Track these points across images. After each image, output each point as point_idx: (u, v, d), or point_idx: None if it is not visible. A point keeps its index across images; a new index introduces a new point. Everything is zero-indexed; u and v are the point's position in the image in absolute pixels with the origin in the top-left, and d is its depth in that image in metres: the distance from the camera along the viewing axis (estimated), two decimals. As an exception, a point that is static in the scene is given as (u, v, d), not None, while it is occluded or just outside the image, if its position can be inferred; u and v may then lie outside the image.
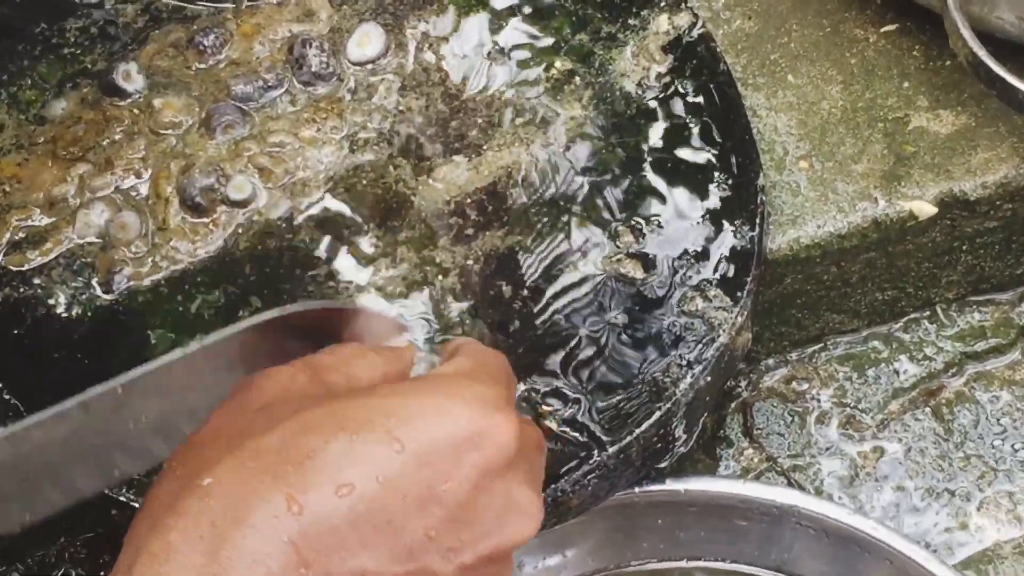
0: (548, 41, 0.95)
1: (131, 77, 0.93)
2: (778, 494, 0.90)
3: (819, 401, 1.01)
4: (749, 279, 0.87)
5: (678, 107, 0.92)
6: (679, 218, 0.89)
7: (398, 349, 0.76)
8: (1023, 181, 0.95)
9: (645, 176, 0.90)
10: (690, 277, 0.87)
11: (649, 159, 0.91)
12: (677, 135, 0.91)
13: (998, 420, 1.00)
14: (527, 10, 0.96)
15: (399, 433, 0.64)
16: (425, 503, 0.64)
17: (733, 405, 1.01)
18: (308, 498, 0.62)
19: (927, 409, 1.01)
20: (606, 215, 0.89)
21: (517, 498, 0.68)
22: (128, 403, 0.72)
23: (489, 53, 0.94)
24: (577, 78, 0.93)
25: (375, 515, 0.63)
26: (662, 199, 0.90)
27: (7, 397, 0.84)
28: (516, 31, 0.95)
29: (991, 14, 0.90)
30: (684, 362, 0.84)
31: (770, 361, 1.02)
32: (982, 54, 0.86)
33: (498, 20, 0.96)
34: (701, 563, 0.95)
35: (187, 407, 0.75)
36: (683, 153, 0.91)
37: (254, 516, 0.61)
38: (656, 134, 0.92)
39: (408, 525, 0.64)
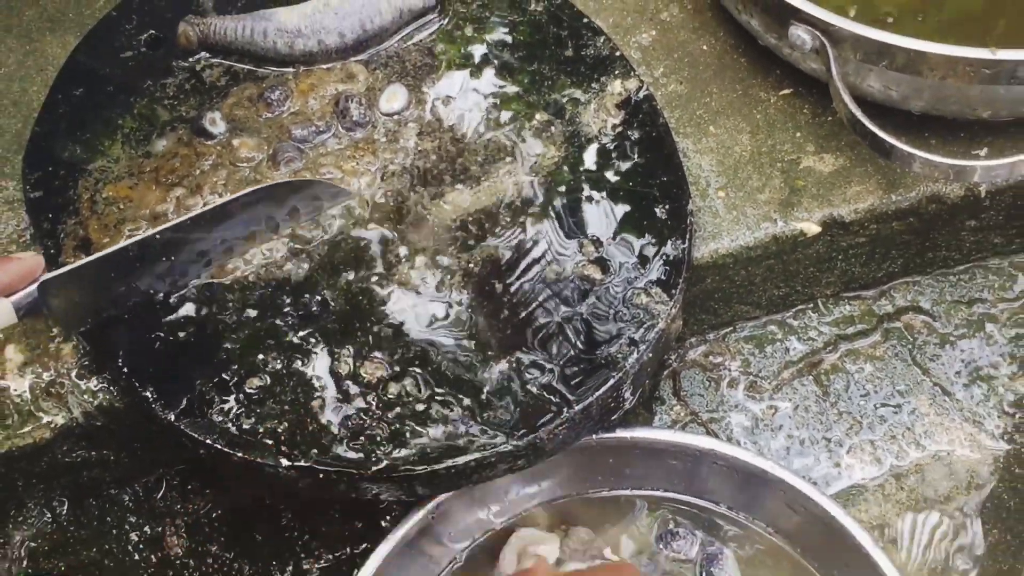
0: (532, 99, 0.95)
1: (216, 123, 0.94)
2: (699, 440, 0.91)
3: (729, 370, 1.02)
4: (681, 280, 0.88)
5: (629, 150, 0.93)
6: (629, 233, 0.90)
7: None
8: (884, 208, 0.95)
9: (604, 201, 0.91)
10: (637, 279, 0.88)
11: (607, 189, 0.92)
12: (628, 171, 0.92)
13: (863, 385, 1.01)
14: (515, 76, 0.96)
15: None
16: None
17: (666, 373, 1.01)
18: None
19: (810, 377, 1.02)
20: (575, 231, 0.90)
21: None
22: (182, 237, 0.80)
23: (486, 108, 0.95)
24: (553, 127, 0.94)
25: None
26: (617, 219, 0.90)
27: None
28: (507, 91, 0.96)
29: (863, 83, 0.91)
30: (631, 342, 0.86)
31: (693, 340, 1.02)
32: (858, 113, 0.87)
33: (493, 83, 0.96)
34: (642, 492, 0.94)
35: (218, 239, 0.84)
36: (632, 184, 0.92)
37: None
38: (612, 170, 0.92)
39: None
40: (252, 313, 0.87)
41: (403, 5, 0.97)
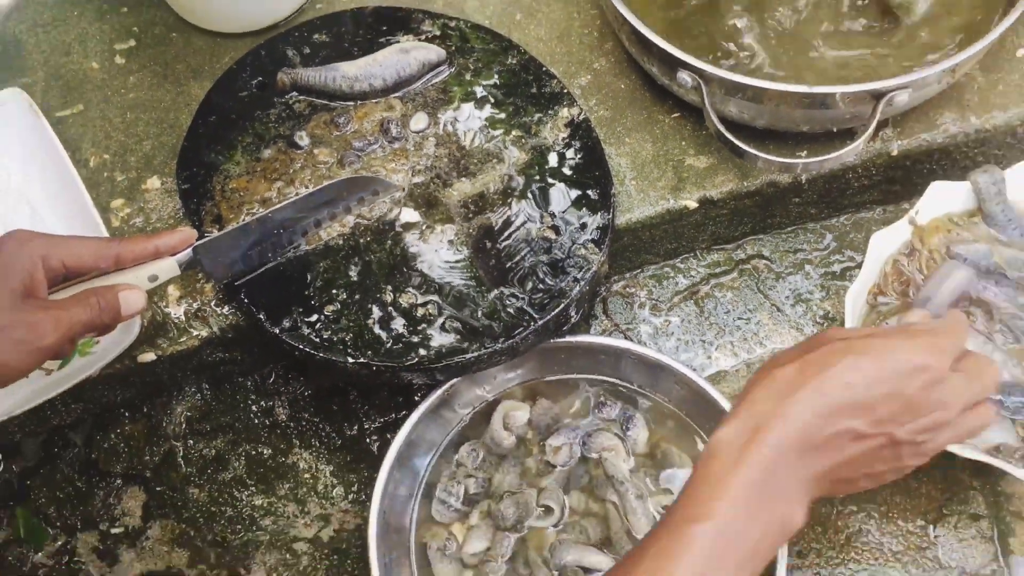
0: (510, 121, 0.94)
1: (303, 138, 0.93)
2: (620, 343, 0.91)
3: (639, 297, 1.01)
4: (607, 239, 0.88)
5: (573, 154, 0.92)
6: (574, 208, 0.89)
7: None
8: (739, 191, 0.94)
9: (558, 187, 0.90)
10: (579, 238, 0.88)
11: (560, 179, 0.91)
12: (573, 167, 0.91)
13: (726, 306, 1.00)
14: (500, 106, 0.95)
15: (879, 357, 0.61)
16: (890, 397, 0.61)
17: (598, 299, 1.00)
18: (825, 387, 0.60)
19: (691, 301, 1.01)
20: (540, 207, 0.89)
21: (943, 399, 0.62)
22: (287, 216, 0.83)
23: (480, 127, 0.94)
24: (524, 139, 0.93)
25: (860, 399, 0.60)
26: (567, 199, 0.90)
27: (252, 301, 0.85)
28: (494, 116, 0.94)
29: (726, 108, 0.90)
30: (575, 279, 0.85)
31: (616, 277, 1.01)
32: (722, 129, 0.86)
33: (485, 111, 0.95)
34: (583, 376, 0.93)
35: (312, 219, 0.86)
36: (576, 176, 0.91)
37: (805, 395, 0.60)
38: (563, 167, 0.92)
39: (879, 408, 0.60)
40: (329, 264, 0.87)
41: (424, 59, 0.95)
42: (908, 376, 0.61)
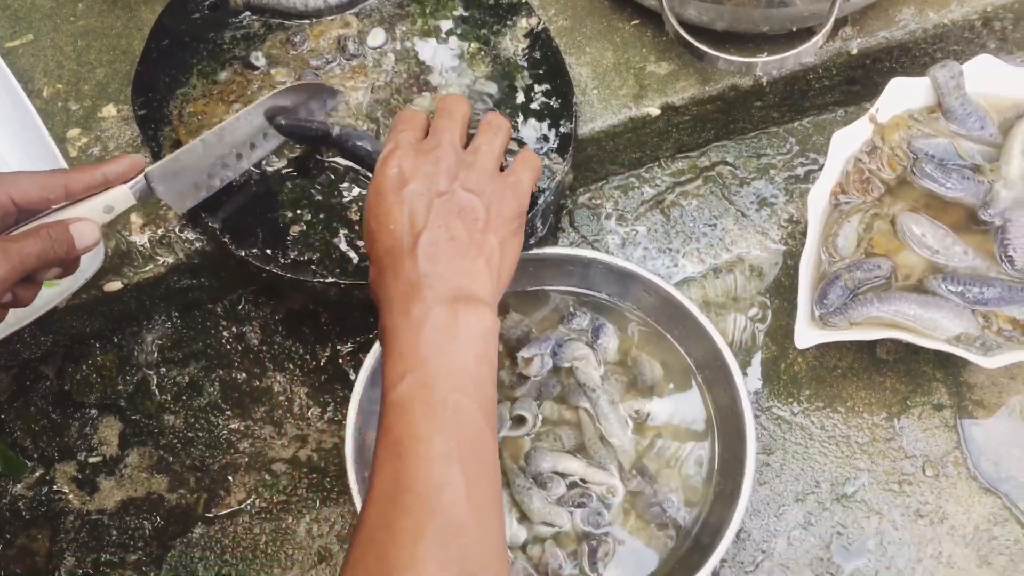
0: (468, 33, 0.93)
1: (259, 59, 0.92)
2: (588, 253, 0.91)
3: (605, 208, 1.01)
4: (570, 148, 0.88)
5: (533, 65, 0.91)
6: (537, 119, 0.89)
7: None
8: (701, 96, 0.94)
9: (519, 98, 0.90)
10: (542, 148, 0.87)
11: (521, 91, 0.90)
12: (534, 78, 0.91)
13: (691, 213, 1.01)
14: (456, 19, 0.93)
15: (372, 189, 0.73)
16: (420, 176, 0.71)
17: (564, 212, 1.00)
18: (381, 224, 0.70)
19: (657, 210, 1.01)
20: (505, 116, 0.88)
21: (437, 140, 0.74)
22: (226, 134, 0.81)
23: (438, 39, 0.93)
24: (483, 52, 0.92)
25: (401, 198, 0.70)
26: (529, 110, 0.89)
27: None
28: (452, 29, 0.93)
29: (685, 11, 0.90)
30: (540, 190, 0.85)
31: (581, 189, 1.01)
32: (681, 31, 0.86)
33: (442, 24, 0.94)
34: (552, 288, 0.94)
35: (255, 134, 0.83)
36: (537, 87, 0.90)
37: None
38: (524, 78, 0.91)
39: (432, 183, 0.70)
40: (293, 184, 0.86)
41: (379, -26, 0.93)
42: (395, 176, 0.70)
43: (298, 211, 0.85)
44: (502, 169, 0.76)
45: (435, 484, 0.60)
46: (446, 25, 0.93)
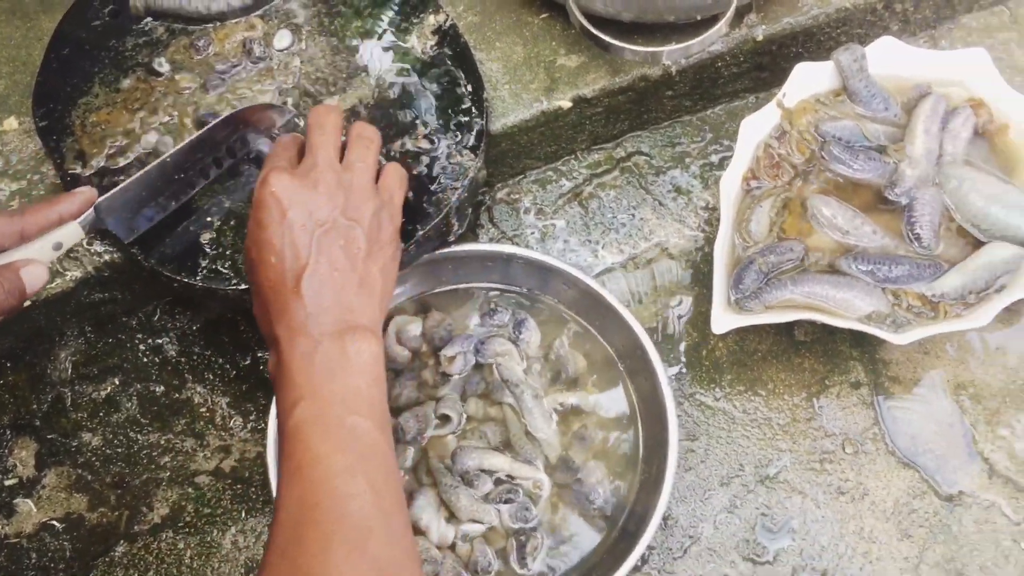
0: (376, 31, 0.92)
1: (162, 65, 0.91)
2: (508, 248, 0.91)
3: (524, 203, 1.01)
4: (482, 145, 0.88)
5: (443, 61, 0.91)
6: (448, 116, 0.89)
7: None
8: (612, 87, 0.95)
9: (430, 97, 0.89)
10: (453, 145, 0.87)
11: (431, 89, 0.90)
12: (443, 75, 0.91)
13: (609, 205, 1.01)
14: (363, 17, 0.93)
15: (255, 209, 0.72)
16: (299, 204, 0.69)
17: (483, 208, 1.00)
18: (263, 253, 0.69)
19: (576, 203, 1.01)
20: (412, 115, 0.88)
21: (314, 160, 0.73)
22: (179, 159, 0.79)
23: (346, 41, 0.92)
24: (391, 49, 0.92)
25: (279, 228, 0.69)
26: (439, 107, 0.89)
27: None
28: (359, 27, 0.93)
29: (592, 4, 0.90)
30: (453, 188, 0.85)
31: (499, 185, 1.01)
32: (586, 23, 0.86)
33: (349, 24, 0.93)
34: (473, 285, 0.94)
35: (211, 158, 0.82)
36: (447, 84, 0.90)
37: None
38: (433, 75, 0.91)
39: (315, 213, 0.69)
40: (201, 191, 0.85)
41: (282, -26, 0.92)
42: (273, 206, 0.69)
43: (208, 218, 0.84)
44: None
45: (341, 496, 0.60)
46: (353, 24, 0.92)
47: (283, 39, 0.91)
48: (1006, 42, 1.04)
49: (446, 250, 0.89)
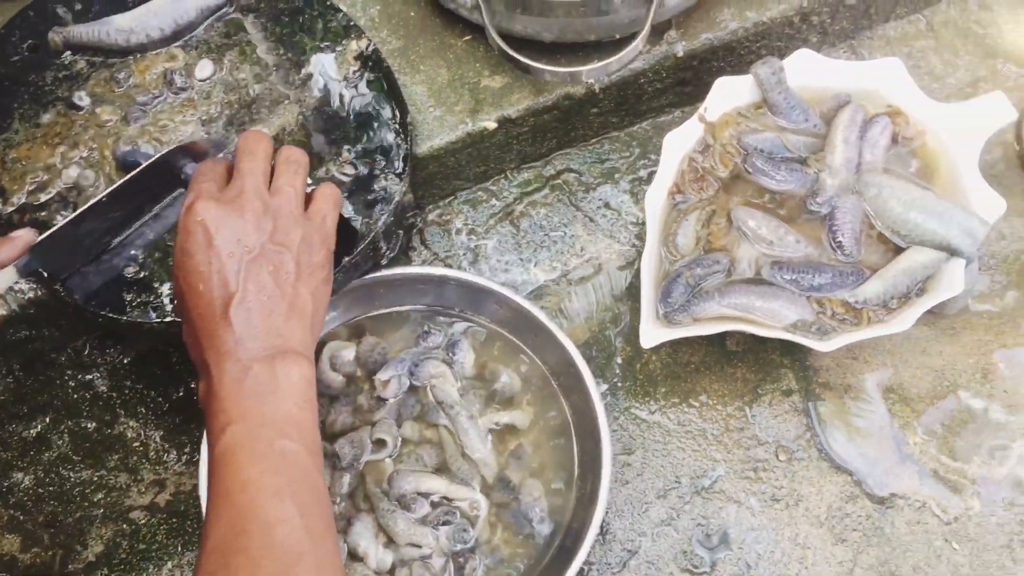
0: (299, 59, 0.92)
1: (83, 99, 0.90)
2: (438, 270, 0.91)
3: (456, 224, 1.01)
4: (407, 168, 0.88)
5: (366, 87, 0.91)
6: (372, 140, 0.89)
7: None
8: (536, 106, 0.95)
9: (353, 121, 0.89)
10: (378, 168, 0.87)
11: (355, 113, 0.90)
12: (367, 101, 0.90)
13: (540, 223, 1.01)
14: (286, 44, 0.93)
15: (187, 216, 0.70)
16: (234, 228, 0.69)
17: (415, 231, 1.00)
18: (191, 270, 0.68)
19: (507, 222, 1.02)
20: (338, 142, 0.88)
21: (244, 186, 0.72)
22: (98, 211, 0.77)
23: (269, 68, 0.92)
24: (313, 76, 0.91)
25: (223, 252, 0.68)
26: (364, 131, 0.89)
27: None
28: (281, 55, 0.92)
29: (513, 25, 0.91)
30: (380, 211, 0.85)
31: (430, 207, 1.02)
32: (504, 46, 0.87)
33: (271, 51, 0.93)
34: (406, 308, 0.93)
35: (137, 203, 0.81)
36: (371, 109, 0.90)
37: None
38: (357, 101, 0.91)
39: (244, 240, 0.69)
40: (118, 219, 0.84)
41: (202, 4, 0.92)
42: (200, 234, 0.68)
43: (133, 251, 0.83)
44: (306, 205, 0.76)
45: (269, 521, 0.60)
46: (275, 52, 0.92)
47: (204, 69, 0.91)
48: (923, 50, 1.06)
49: (378, 274, 0.89)
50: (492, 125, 0.94)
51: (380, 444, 0.89)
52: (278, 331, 0.68)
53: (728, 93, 0.94)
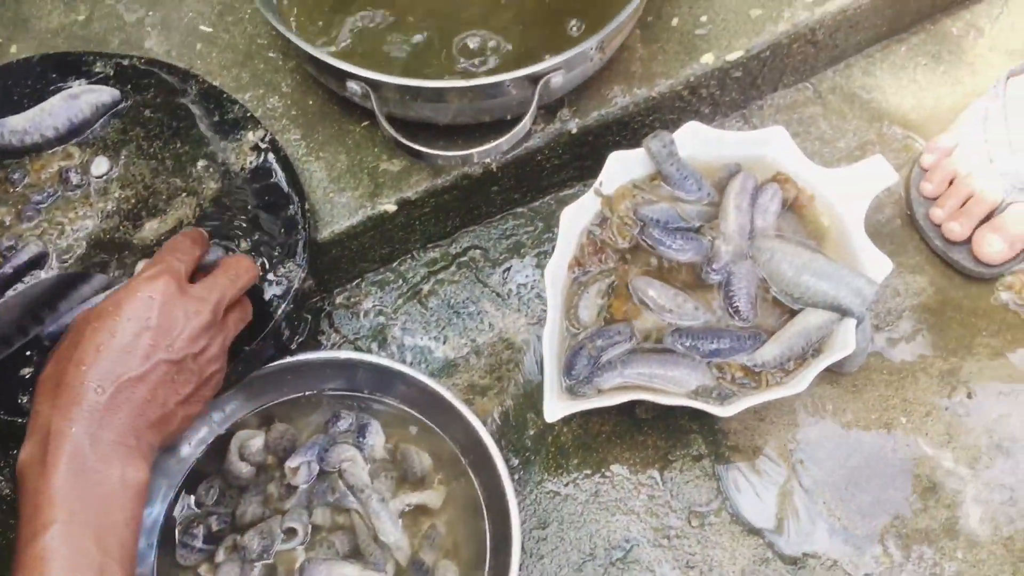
0: (195, 151, 0.93)
1: (-24, 200, 0.89)
2: (344, 354, 0.91)
3: (364, 306, 1.02)
4: (305, 255, 0.88)
5: (264, 176, 0.92)
6: (270, 228, 0.89)
7: None
8: (436, 188, 0.96)
9: (252, 210, 0.90)
10: (276, 256, 0.88)
11: (253, 202, 0.90)
12: (265, 189, 0.91)
13: (449, 300, 1.02)
14: (183, 137, 0.93)
15: (114, 308, 0.68)
16: (141, 333, 0.67)
17: (323, 314, 1.00)
18: (83, 361, 0.65)
19: (415, 301, 1.02)
20: (236, 231, 0.88)
21: (191, 309, 0.71)
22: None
23: (165, 162, 0.92)
24: (210, 168, 0.92)
25: (117, 351, 0.65)
26: (262, 219, 0.89)
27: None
28: (178, 148, 0.93)
29: (407, 112, 0.92)
30: (280, 299, 0.85)
31: (337, 290, 1.02)
32: (398, 136, 0.88)
33: (168, 145, 0.93)
34: (315, 392, 0.93)
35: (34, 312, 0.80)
36: (269, 198, 0.91)
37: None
38: (255, 190, 0.91)
39: (139, 346, 0.66)
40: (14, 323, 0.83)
41: (97, 102, 0.93)
42: (145, 308, 0.67)
43: (28, 352, 0.82)
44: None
45: None
46: (172, 146, 0.93)
47: (100, 165, 0.91)
48: (813, 116, 1.10)
49: (284, 360, 0.89)
50: (392, 208, 0.95)
51: (291, 533, 0.88)
52: (139, 434, 0.66)
53: (622, 166, 0.96)
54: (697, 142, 0.97)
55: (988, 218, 1.00)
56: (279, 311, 0.85)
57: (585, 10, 0.97)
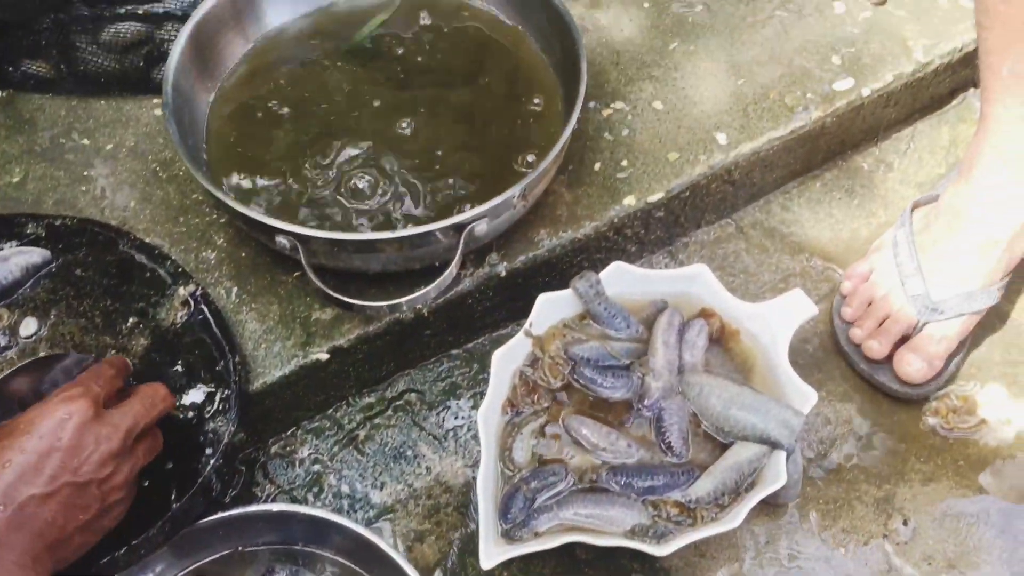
0: (124, 309, 0.93)
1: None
2: (276, 507, 0.90)
3: (300, 454, 1.01)
4: (235, 409, 0.88)
5: (195, 330, 0.92)
6: (199, 383, 0.89)
7: None
8: (367, 335, 0.97)
9: (181, 365, 0.90)
10: (206, 412, 0.87)
11: (182, 357, 0.90)
12: (194, 343, 0.92)
13: (386, 444, 1.01)
14: (113, 295, 0.94)
15: (25, 427, 0.68)
16: (48, 453, 0.67)
17: (257, 465, 0.99)
18: None
19: (352, 448, 1.02)
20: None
21: (102, 434, 0.71)
22: None
23: (94, 322, 0.92)
24: (141, 324, 0.92)
25: (21, 470, 0.65)
26: (191, 375, 0.89)
27: None
28: (108, 307, 0.93)
29: (336, 262, 0.93)
30: (208, 455, 0.85)
31: (272, 439, 1.01)
32: (326, 289, 0.88)
33: (97, 304, 0.93)
34: (251, 548, 0.92)
35: None
36: (199, 352, 0.91)
37: None
38: (185, 344, 0.91)
39: (44, 468, 0.66)
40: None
41: (27, 263, 0.94)
42: (58, 427, 0.68)
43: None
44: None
45: None
46: (102, 304, 0.93)
47: (29, 326, 0.91)
48: (737, 251, 1.13)
49: (215, 516, 0.88)
50: (324, 356, 0.95)
51: None
52: (37, 556, 0.65)
53: (552, 307, 0.98)
54: (623, 281, 0.99)
55: (907, 339, 1.03)
56: (208, 466, 0.84)
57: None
